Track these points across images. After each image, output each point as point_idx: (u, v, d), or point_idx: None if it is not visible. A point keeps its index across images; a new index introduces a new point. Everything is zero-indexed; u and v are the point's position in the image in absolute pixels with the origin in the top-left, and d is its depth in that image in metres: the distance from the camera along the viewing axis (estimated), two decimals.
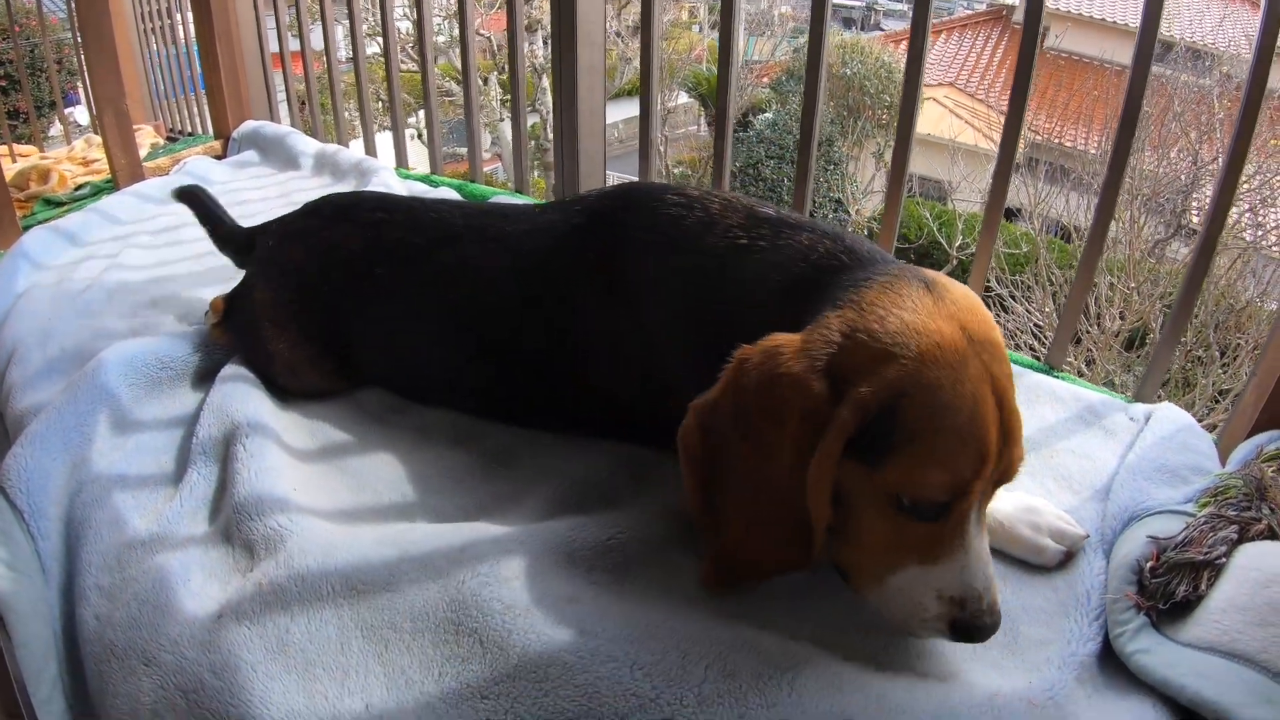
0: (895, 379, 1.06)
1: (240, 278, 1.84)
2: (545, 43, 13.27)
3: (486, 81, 13.44)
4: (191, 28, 3.44)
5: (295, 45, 3.40)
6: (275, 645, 1.16)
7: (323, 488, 1.49)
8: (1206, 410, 6.42)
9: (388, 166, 2.89)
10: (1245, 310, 6.99)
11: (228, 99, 3.30)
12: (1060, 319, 1.98)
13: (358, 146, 3.15)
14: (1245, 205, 7.87)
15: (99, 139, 3.03)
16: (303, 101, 3.56)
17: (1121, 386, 5.71)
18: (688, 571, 1.28)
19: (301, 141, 3.13)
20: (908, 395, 1.06)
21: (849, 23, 21.37)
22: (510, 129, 2.88)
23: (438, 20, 12.08)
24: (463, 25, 2.77)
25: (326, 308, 1.71)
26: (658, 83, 2.40)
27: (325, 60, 3.25)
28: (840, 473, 1.10)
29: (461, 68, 2.87)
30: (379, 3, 2.98)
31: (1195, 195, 7.98)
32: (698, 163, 14.34)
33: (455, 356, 1.65)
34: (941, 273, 1.22)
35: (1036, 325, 7.71)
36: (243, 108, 3.36)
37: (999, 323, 1.17)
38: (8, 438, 1.70)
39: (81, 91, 4.64)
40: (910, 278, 1.16)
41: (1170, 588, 1.19)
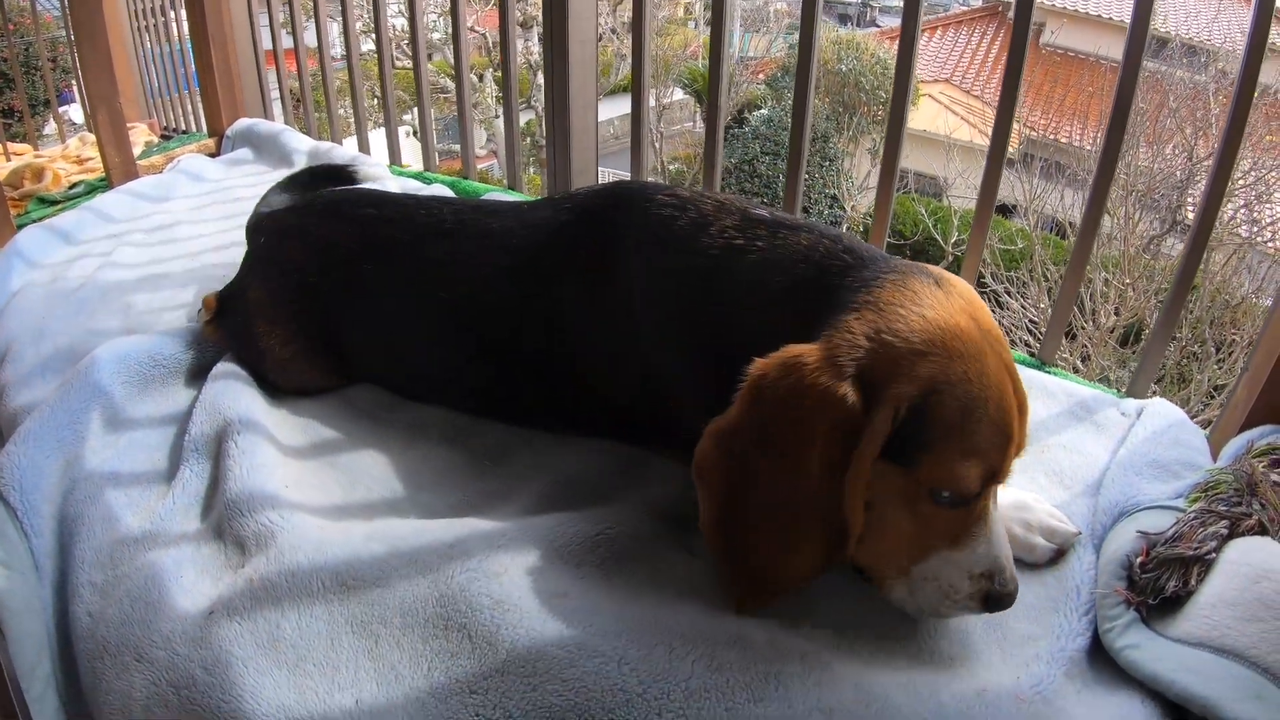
0: (926, 377, 1.08)
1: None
2: (540, 39, 13.26)
3: (482, 78, 13.45)
4: (185, 25, 3.44)
5: (289, 43, 3.40)
6: (266, 641, 1.16)
7: (314, 484, 1.49)
8: (1202, 406, 6.43)
9: (381, 163, 2.88)
10: (1240, 306, 7.00)
11: (221, 96, 3.29)
12: (1052, 316, 1.98)
13: (351, 144, 3.14)
14: (1240, 201, 7.87)
15: (93, 137, 3.03)
16: (297, 99, 3.56)
17: (1117, 382, 5.71)
18: (677, 567, 1.28)
19: (295, 139, 3.12)
20: (938, 391, 1.07)
21: (845, 19, 21.34)
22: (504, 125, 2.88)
23: (432, 17, 12.06)
24: (455, 22, 2.77)
25: (318, 304, 1.71)
26: (649, 80, 2.40)
27: (319, 58, 3.24)
28: (873, 478, 1.11)
29: (454, 64, 2.87)
30: (373, 0, 2.97)
31: (1191, 191, 7.98)
32: (693, 159, 14.35)
33: (444, 353, 1.65)
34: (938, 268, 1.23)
35: (1032, 321, 7.72)
36: (236, 105, 3.36)
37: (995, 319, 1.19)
38: (1, 436, 1.70)
39: (76, 90, 4.64)
40: (918, 274, 1.17)
41: (1160, 583, 1.19)
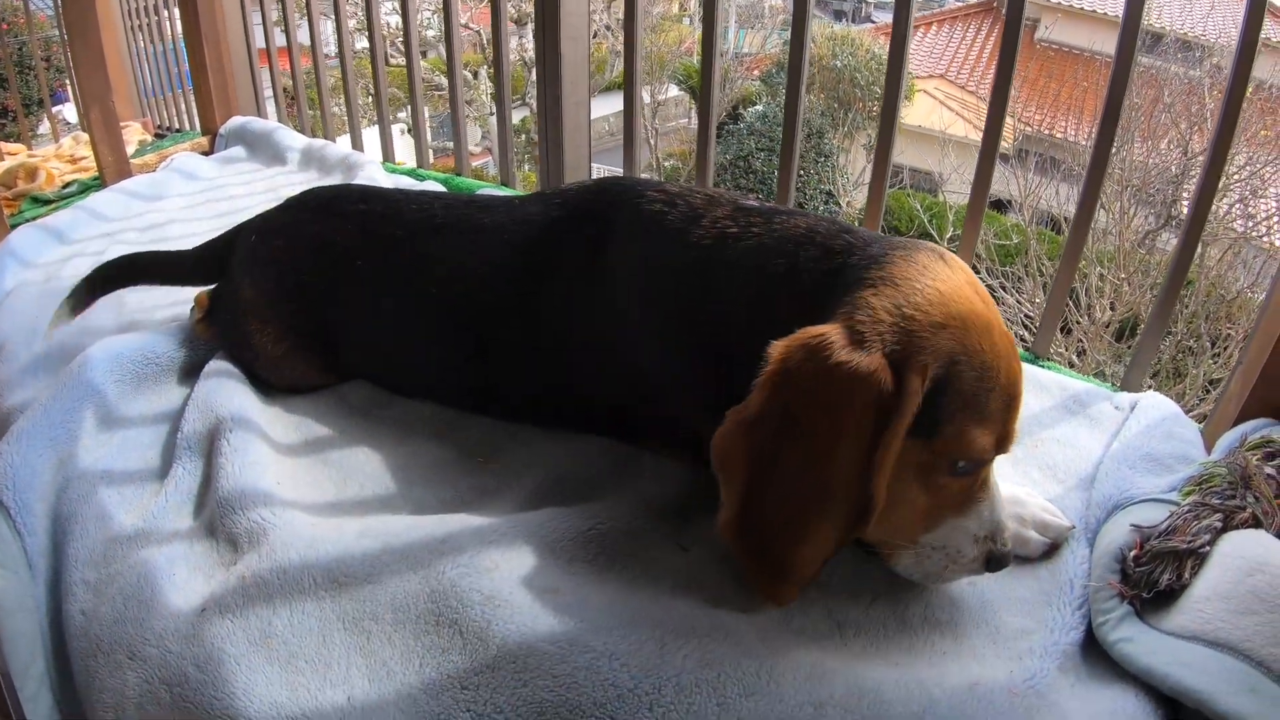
0: (949, 348, 1.09)
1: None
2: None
3: (476, 75, 13.43)
4: (178, 24, 3.43)
5: (282, 40, 3.40)
6: (258, 638, 1.16)
7: (306, 481, 1.49)
8: (1198, 400, 6.43)
9: (374, 160, 2.89)
10: (1236, 301, 7.01)
11: (214, 95, 3.29)
12: (1045, 309, 1.99)
13: (345, 142, 3.14)
14: (1235, 196, 7.88)
15: (86, 136, 3.02)
16: (290, 97, 3.56)
17: (1112, 377, 5.72)
18: (668, 562, 1.28)
19: (288, 136, 3.12)
20: (957, 363, 1.09)
21: (840, 15, 21.35)
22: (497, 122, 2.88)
23: (427, 14, 12.05)
24: (448, 18, 2.77)
25: (309, 301, 1.70)
26: (641, 75, 2.39)
27: (312, 55, 3.24)
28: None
29: (446, 61, 2.87)
30: None
31: (1186, 186, 7.98)
32: (688, 155, 14.32)
33: (435, 349, 1.65)
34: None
35: (1027, 316, 7.72)
36: (230, 104, 3.36)
37: None
38: None
39: (69, 89, 4.63)
40: (922, 249, 1.19)
41: (1154, 576, 1.19)
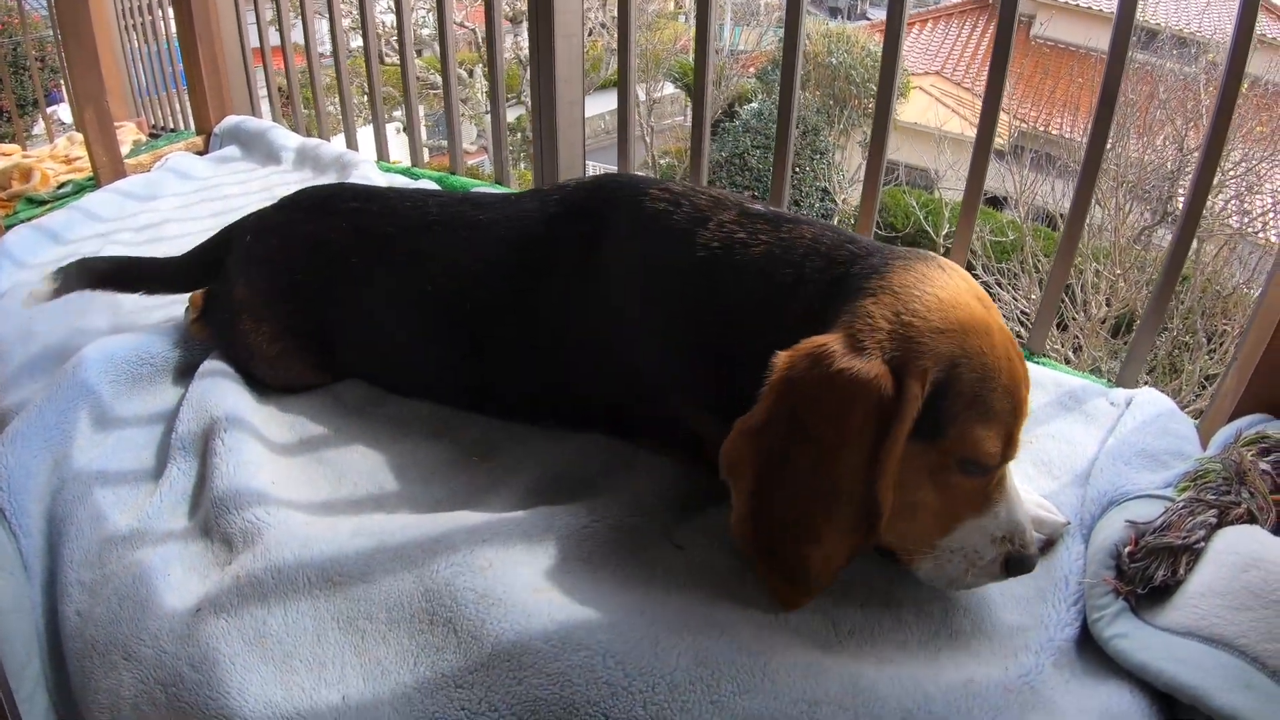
0: (946, 353, 1.11)
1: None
2: None
3: (471, 74, 13.41)
4: (173, 24, 3.43)
5: (276, 40, 3.39)
6: (253, 638, 1.16)
7: (301, 480, 1.49)
8: (1193, 396, 6.44)
9: (369, 159, 2.89)
10: (1232, 297, 7.02)
11: (209, 95, 3.29)
12: (1040, 304, 1.99)
13: (339, 141, 3.14)
14: (1231, 192, 7.89)
15: (81, 136, 3.02)
16: (285, 96, 3.55)
17: (1109, 373, 5.71)
18: (663, 561, 1.29)
19: (283, 136, 3.12)
20: (957, 365, 1.11)
21: (835, 12, 21.33)
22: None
23: (421, 13, 12.04)
24: (441, 15, 2.76)
25: (304, 300, 1.70)
26: (635, 71, 2.39)
27: (306, 55, 3.23)
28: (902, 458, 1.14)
29: (440, 59, 2.86)
30: None
31: (1181, 182, 7.99)
32: (683, 153, 14.32)
33: (431, 347, 1.64)
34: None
35: (1023, 312, 7.73)
36: (224, 103, 3.35)
37: None
38: None
39: (64, 89, 4.62)
40: (921, 259, 1.21)
41: (1149, 572, 1.19)
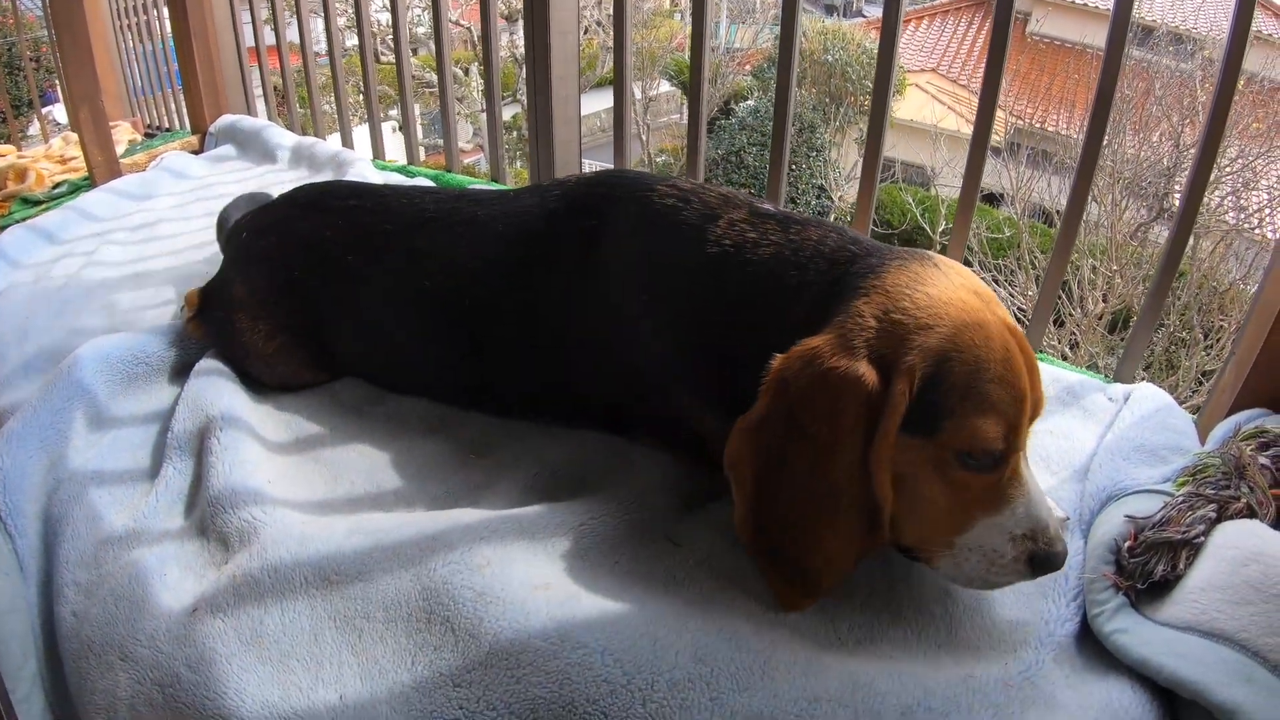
0: (937, 346, 1.11)
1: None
2: None
3: (467, 72, 13.41)
4: (167, 23, 3.42)
5: (271, 39, 3.39)
6: (249, 637, 1.16)
7: (298, 479, 1.49)
8: (1191, 391, 6.45)
9: (364, 158, 2.88)
10: (1228, 293, 7.03)
11: (204, 94, 3.28)
12: (1037, 300, 1.98)
13: (335, 140, 3.13)
14: (1227, 188, 7.90)
15: (76, 136, 3.01)
16: (280, 95, 3.55)
17: (1106, 369, 5.71)
18: (661, 558, 1.28)
19: (278, 135, 3.12)
20: (948, 359, 1.11)
21: (831, 9, 21.29)
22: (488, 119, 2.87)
23: (417, 11, 12.03)
24: (436, 13, 2.76)
25: (300, 298, 1.70)
26: (630, 68, 2.39)
27: (302, 53, 3.23)
28: (899, 453, 1.14)
29: (435, 58, 2.86)
30: None
31: (1177, 179, 8.00)
32: (680, 151, 14.31)
33: (429, 345, 1.63)
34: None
35: (1020, 309, 7.73)
36: (219, 102, 3.34)
37: None
38: None
39: (59, 89, 4.61)
40: (918, 258, 1.22)
41: (1148, 567, 1.19)
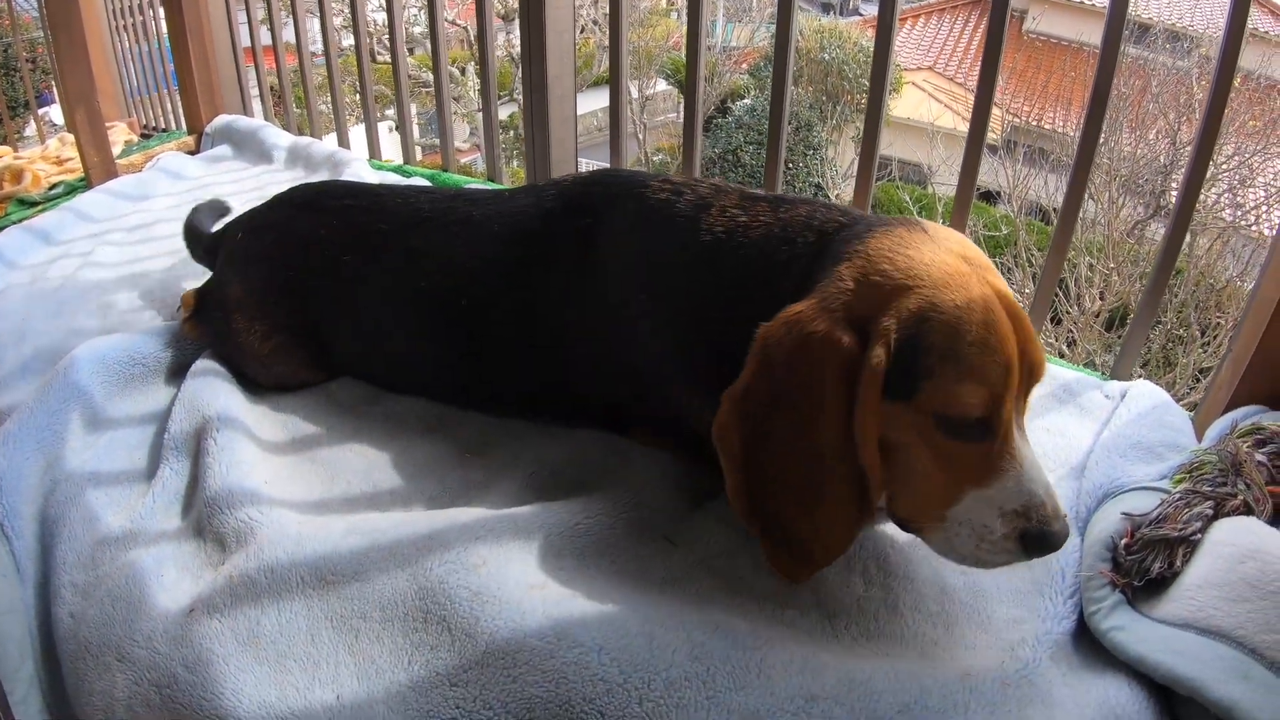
0: (914, 308, 1.11)
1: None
2: None
3: (464, 71, 13.39)
4: (163, 23, 3.42)
5: (267, 39, 3.39)
6: (246, 638, 1.16)
7: (294, 479, 1.49)
8: (1188, 389, 6.44)
9: (361, 158, 2.88)
10: (1225, 290, 7.03)
11: (200, 94, 3.28)
12: (1034, 297, 1.98)
13: (331, 140, 3.13)
14: (1224, 186, 7.90)
15: (72, 137, 3.01)
16: (276, 95, 3.54)
17: (1103, 366, 5.69)
18: (657, 557, 1.28)
19: (274, 135, 3.11)
20: (929, 320, 1.10)
21: (827, 8, 21.26)
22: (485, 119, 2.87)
23: (413, 10, 12.03)
24: (432, 14, 2.76)
25: (296, 298, 1.70)
26: (626, 66, 2.39)
27: (298, 54, 3.22)
28: (883, 420, 1.13)
29: (431, 57, 2.86)
30: None
31: (1174, 176, 8.00)
32: (676, 149, 14.30)
33: (426, 345, 1.63)
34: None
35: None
36: (215, 102, 3.34)
37: None
38: None
39: (55, 90, 4.61)
40: (907, 224, 1.21)
41: (1145, 564, 1.19)
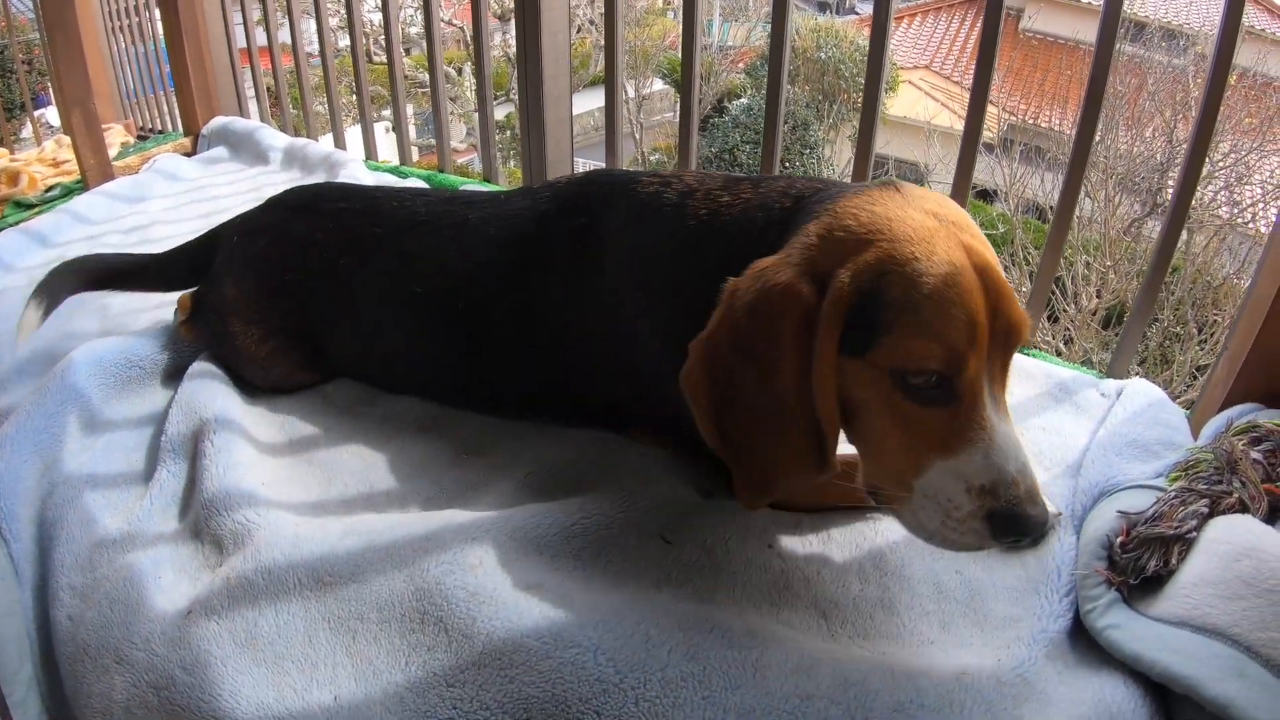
0: (872, 260, 1.09)
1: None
2: None
3: (460, 72, 13.39)
4: (160, 25, 3.42)
5: (263, 40, 3.39)
6: (244, 639, 1.16)
7: (292, 481, 1.49)
8: (1185, 386, 6.45)
9: (357, 159, 2.89)
10: (1222, 287, 7.03)
11: (196, 95, 3.28)
12: (1031, 296, 1.99)
13: (327, 141, 3.13)
14: (1221, 183, 7.90)
15: (69, 139, 3.01)
16: (273, 96, 3.54)
17: (1100, 364, 5.71)
18: (653, 557, 1.28)
19: (270, 136, 3.12)
20: (887, 274, 1.09)
21: (824, 7, 21.25)
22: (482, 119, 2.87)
23: (409, 11, 12.03)
24: (428, 14, 2.76)
25: (291, 300, 1.70)
26: (623, 66, 2.39)
27: (294, 55, 3.22)
28: (844, 377, 1.12)
29: (427, 57, 2.86)
30: None
31: (1170, 174, 8.00)
32: (673, 149, 14.30)
33: (423, 347, 1.64)
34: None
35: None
36: (212, 104, 3.34)
37: None
38: None
39: (51, 92, 4.60)
40: (881, 184, 1.20)
41: (1141, 563, 1.20)
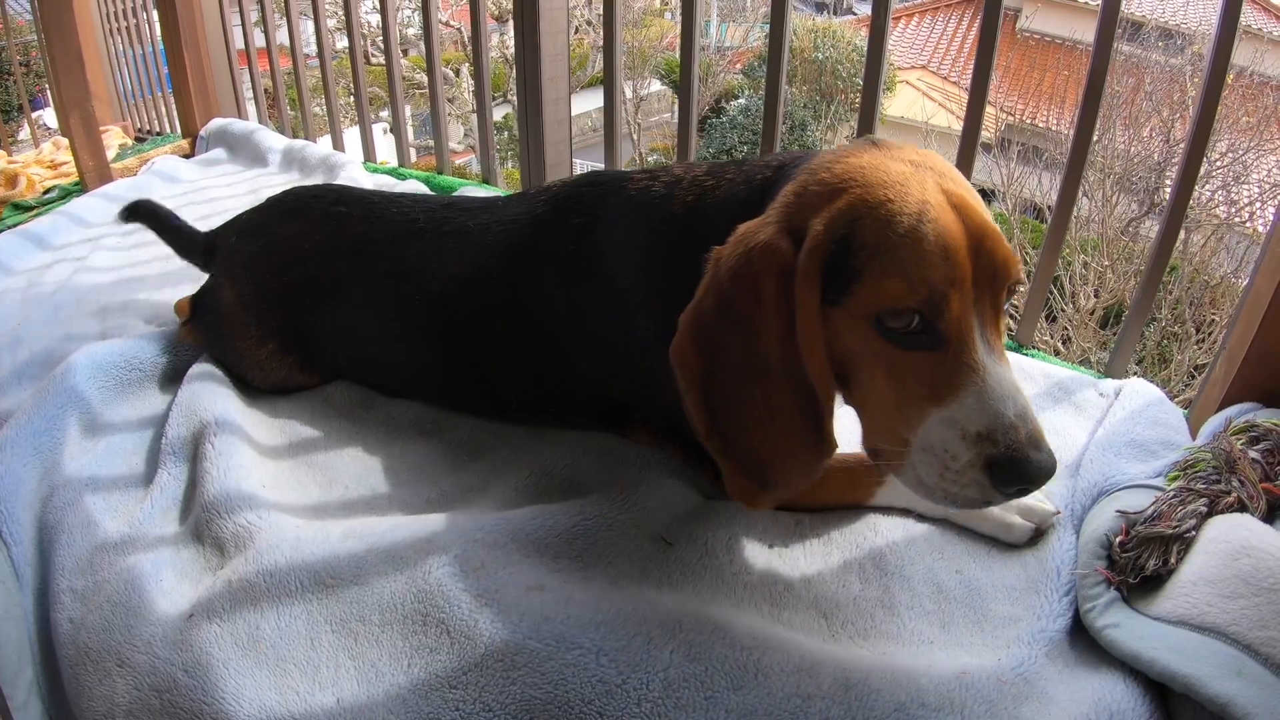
0: (844, 206, 1.10)
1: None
2: None
3: (458, 73, 13.38)
4: (158, 27, 3.42)
5: (261, 42, 3.39)
6: (246, 642, 1.16)
7: (292, 484, 1.50)
8: (1183, 386, 6.44)
9: (355, 160, 2.89)
10: (1220, 286, 7.02)
11: (195, 97, 3.28)
12: (1029, 295, 1.99)
13: (326, 142, 3.14)
14: (1218, 182, 7.90)
15: (67, 141, 3.01)
16: (271, 98, 3.54)
17: (1098, 364, 5.71)
18: (654, 558, 1.29)
19: (269, 138, 3.12)
20: (859, 218, 1.09)
21: (821, 7, 21.25)
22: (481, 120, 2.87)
23: (407, 12, 12.03)
24: (426, 15, 2.76)
25: (290, 303, 1.70)
26: (621, 67, 2.39)
27: (292, 56, 3.22)
28: (830, 331, 1.12)
29: (426, 58, 2.86)
30: None
31: (1168, 173, 8.00)
32: (671, 150, 14.31)
33: (422, 351, 1.64)
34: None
35: (1013, 305, 7.72)
36: (210, 106, 3.34)
37: None
38: None
39: (49, 94, 4.60)
40: (860, 142, 1.20)
41: (1140, 562, 1.20)
